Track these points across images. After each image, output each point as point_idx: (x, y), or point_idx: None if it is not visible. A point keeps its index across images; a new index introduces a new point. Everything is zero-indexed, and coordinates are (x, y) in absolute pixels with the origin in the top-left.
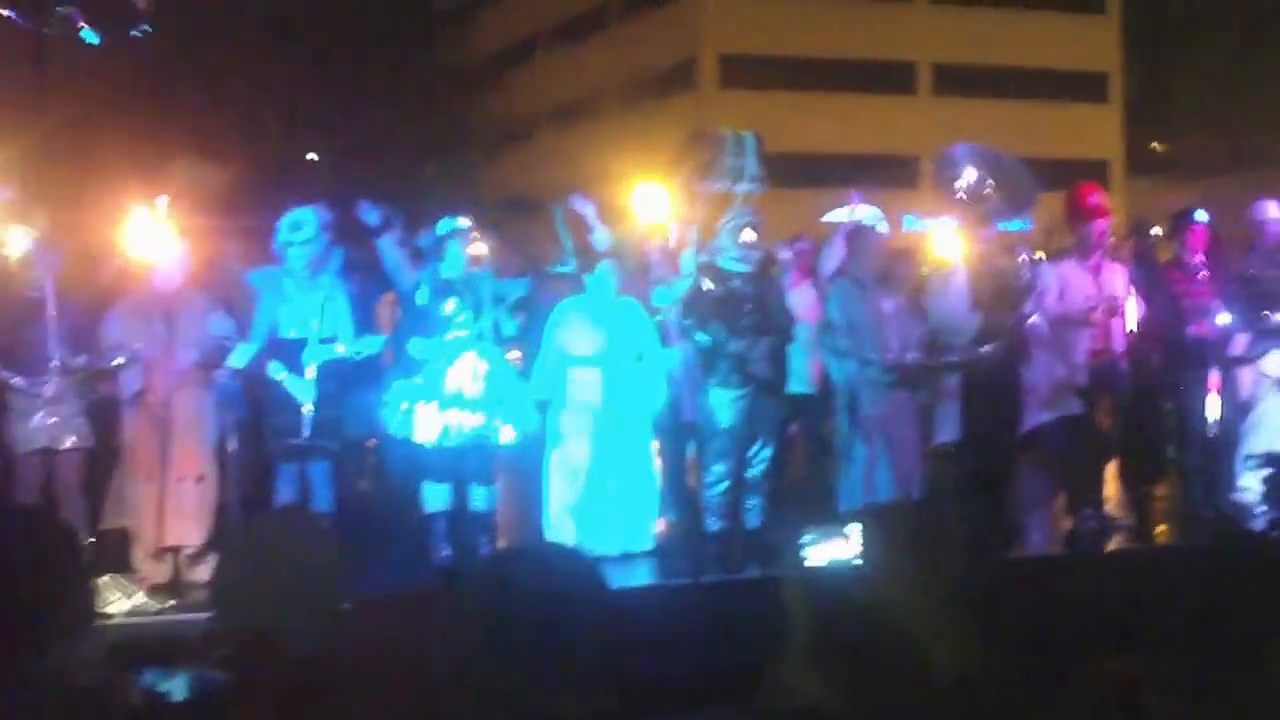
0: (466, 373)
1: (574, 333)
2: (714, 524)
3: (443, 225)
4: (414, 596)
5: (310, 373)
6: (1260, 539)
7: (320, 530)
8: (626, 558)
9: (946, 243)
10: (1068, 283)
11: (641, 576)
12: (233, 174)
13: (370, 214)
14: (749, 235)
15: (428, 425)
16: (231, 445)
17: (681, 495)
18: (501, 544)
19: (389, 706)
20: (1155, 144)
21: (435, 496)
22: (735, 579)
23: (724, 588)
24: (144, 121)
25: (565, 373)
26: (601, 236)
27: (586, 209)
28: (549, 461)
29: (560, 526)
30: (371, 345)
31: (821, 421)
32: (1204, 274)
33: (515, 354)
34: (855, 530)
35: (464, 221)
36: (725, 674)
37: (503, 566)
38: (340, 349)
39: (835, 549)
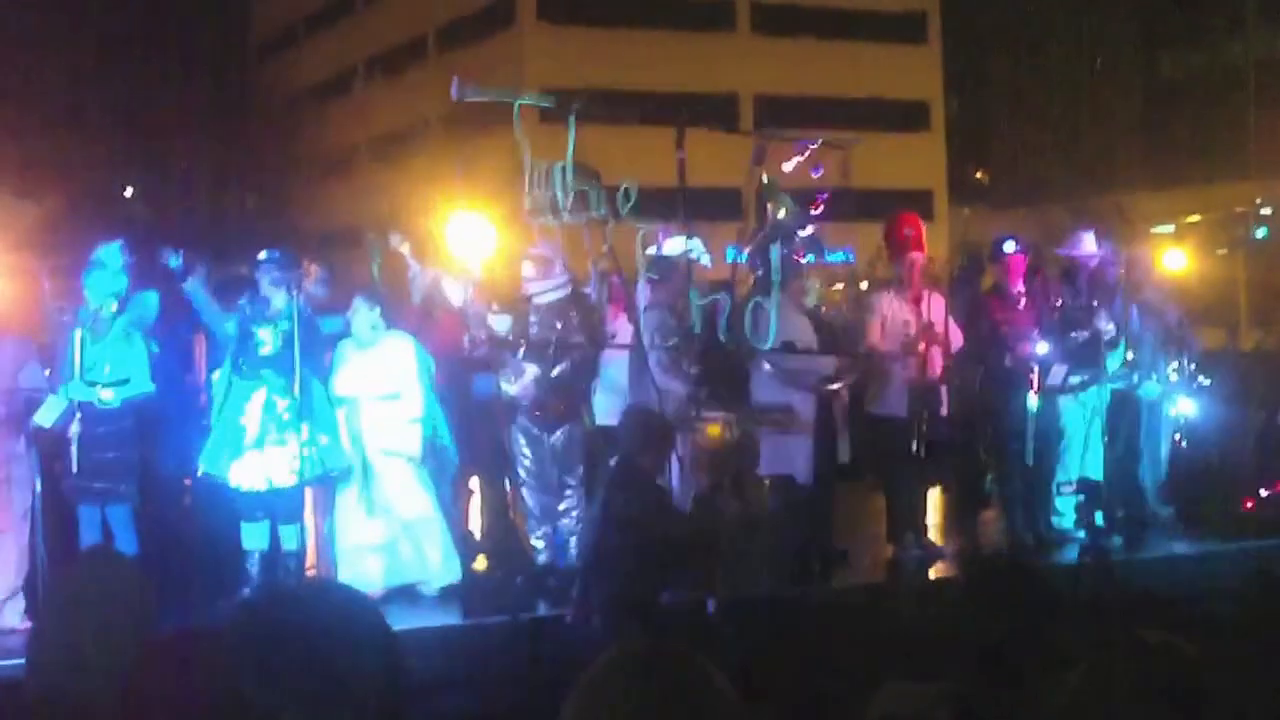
0: (277, 409)
1: (341, 371)
2: (537, 559)
3: (259, 259)
4: (204, 636)
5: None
6: (1030, 569)
7: (128, 571)
8: (441, 594)
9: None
10: (889, 313)
11: (454, 614)
12: (47, 211)
13: (172, 259)
14: (527, 269)
15: (238, 467)
16: (38, 488)
17: (499, 531)
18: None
19: None
20: (978, 173)
21: (251, 534)
22: (552, 616)
23: (543, 624)
24: None
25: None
26: (417, 271)
27: (403, 247)
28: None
29: (353, 564)
30: (131, 389)
31: None
32: (1023, 302)
33: None
34: None
35: (267, 255)
36: (538, 711)
37: (271, 606)
38: (105, 395)
39: None
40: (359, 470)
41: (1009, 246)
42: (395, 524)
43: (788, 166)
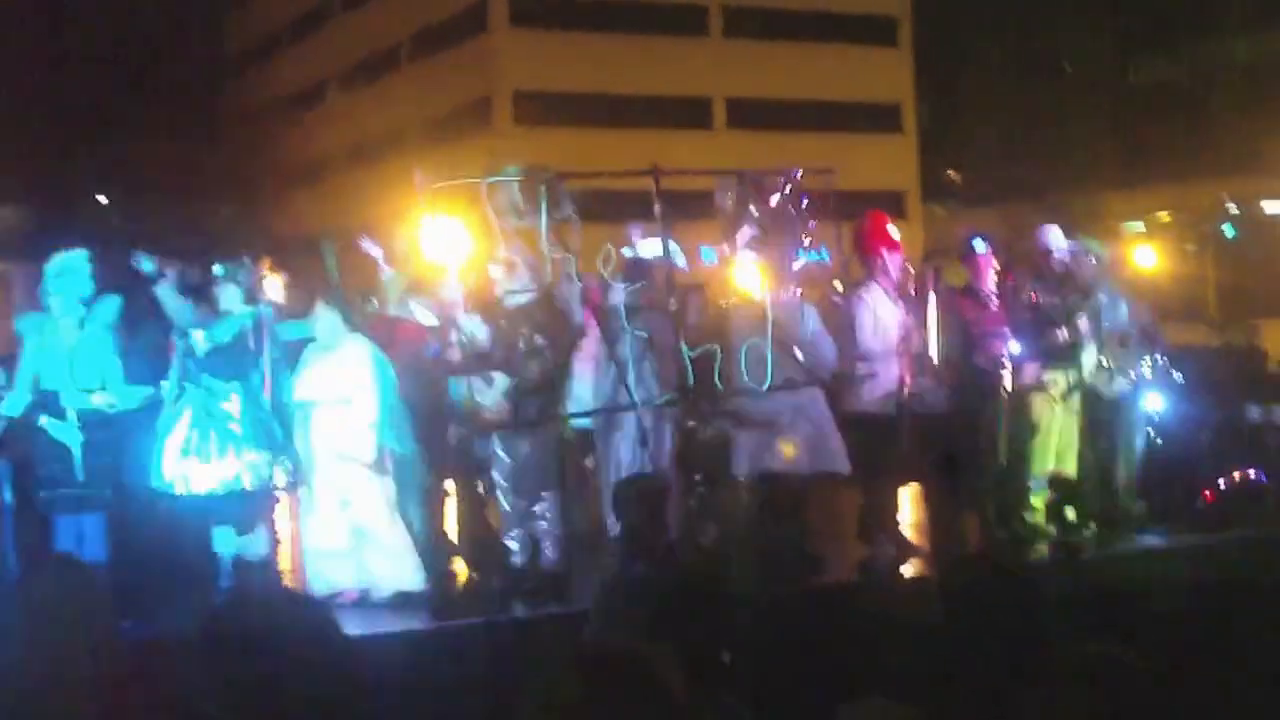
0: (207, 414)
1: (302, 375)
2: (511, 561)
3: (219, 266)
4: (162, 646)
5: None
6: (1005, 567)
7: (90, 581)
8: (406, 599)
9: (750, 275)
10: (878, 314)
11: (426, 618)
12: (22, 217)
13: (144, 263)
14: (494, 272)
15: (167, 472)
16: (7, 496)
17: (474, 533)
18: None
19: None
20: (950, 172)
21: (221, 540)
22: (523, 619)
23: (514, 627)
24: None
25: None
26: (391, 277)
27: (375, 251)
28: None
29: (320, 568)
30: (129, 397)
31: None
32: (995, 301)
33: None
34: None
35: (222, 264)
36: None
37: (228, 616)
38: (97, 399)
39: None
40: (314, 474)
41: (979, 246)
42: (355, 529)
43: (775, 200)
